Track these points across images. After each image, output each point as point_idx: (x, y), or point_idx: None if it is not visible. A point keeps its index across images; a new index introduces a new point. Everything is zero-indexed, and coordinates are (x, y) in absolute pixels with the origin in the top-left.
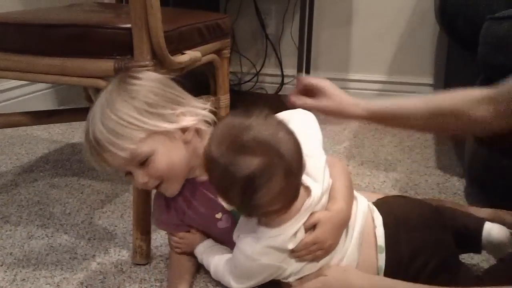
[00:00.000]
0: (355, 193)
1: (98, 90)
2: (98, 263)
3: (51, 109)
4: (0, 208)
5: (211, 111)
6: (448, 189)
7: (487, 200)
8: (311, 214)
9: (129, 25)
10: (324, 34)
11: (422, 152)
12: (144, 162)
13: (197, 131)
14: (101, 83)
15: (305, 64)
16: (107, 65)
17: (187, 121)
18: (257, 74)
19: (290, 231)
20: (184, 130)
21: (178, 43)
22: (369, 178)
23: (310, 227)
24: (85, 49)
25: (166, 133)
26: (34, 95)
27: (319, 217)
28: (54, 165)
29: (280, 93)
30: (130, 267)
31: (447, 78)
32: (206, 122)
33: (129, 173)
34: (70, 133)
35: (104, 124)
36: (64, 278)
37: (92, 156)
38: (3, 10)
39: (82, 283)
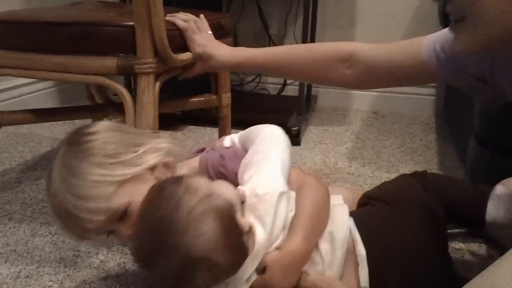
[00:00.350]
0: (336, 215)
1: (100, 88)
2: (101, 261)
3: (54, 107)
4: (4, 206)
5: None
6: None
7: None
8: (264, 254)
9: (132, 23)
10: (327, 35)
11: (424, 154)
12: (124, 215)
13: (166, 165)
14: (104, 80)
15: None
16: (110, 62)
17: (153, 158)
18: (260, 74)
19: (243, 277)
20: (152, 168)
21: (180, 42)
22: (371, 179)
23: (260, 271)
24: (89, 46)
25: (136, 178)
26: (37, 94)
27: (267, 260)
28: None
29: (282, 93)
30: (133, 265)
31: None
32: (171, 153)
33: (111, 232)
34: None
35: (71, 192)
36: (67, 275)
37: (68, 229)
38: (5, 9)
39: (85, 281)
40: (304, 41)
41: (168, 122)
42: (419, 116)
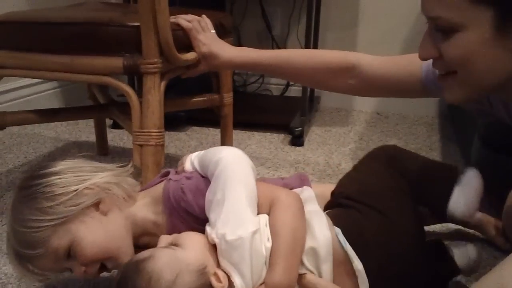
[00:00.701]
0: (316, 229)
1: (102, 89)
2: None
3: (57, 107)
4: (8, 206)
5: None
6: None
7: (494, 203)
8: None
9: (137, 23)
10: (330, 36)
11: (428, 155)
12: (68, 254)
13: (112, 199)
14: (110, 80)
15: None
16: (116, 62)
17: (94, 195)
18: (263, 75)
19: None
20: (97, 204)
21: (184, 41)
22: None
23: None
24: (94, 46)
25: (77, 217)
26: (41, 95)
27: None
28: None
29: (285, 94)
30: None
31: None
32: (120, 185)
33: (69, 269)
34: (77, 132)
35: (17, 239)
36: (72, 275)
37: (25, 273)
38: (10, 10)
39: (89, 281)
40: (307, 41)
41: (171, 123)
42: (423, 117)
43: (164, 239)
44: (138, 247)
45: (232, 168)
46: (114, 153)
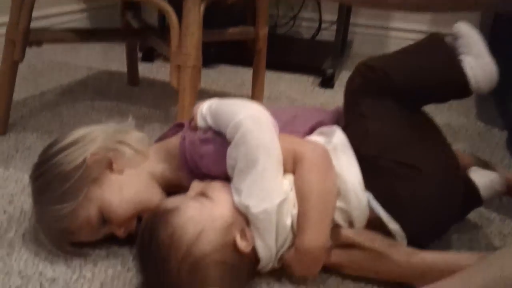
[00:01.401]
0: (349, 192)
1: (136, 14)
2: None
3: (93, 28)
4: (42, 124)
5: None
6: (489, 139)
7: None
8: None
9: None
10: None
11: (461, 103)
12: (102, 221)
13: (125, 156)
14: None
15: (346, 9)
16: None
17: (102, 159)
18: (294, 17)
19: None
20: (109, 166)
21: None
22: None
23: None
24: None
25: (95, 184)
26: (71, 25)
27: (287, 260)
28: (93, 89)
29: (316, 38)
30: None
31: (494, 27)
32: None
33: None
34: (108, 62)
35: (52, 232)
36: None
37: (76, 251)
38: None
39: None
40: None
41: None
42: None
43: (196, 186)
44: (168, 193)
45: (254, 134)
46: (144, 84)
